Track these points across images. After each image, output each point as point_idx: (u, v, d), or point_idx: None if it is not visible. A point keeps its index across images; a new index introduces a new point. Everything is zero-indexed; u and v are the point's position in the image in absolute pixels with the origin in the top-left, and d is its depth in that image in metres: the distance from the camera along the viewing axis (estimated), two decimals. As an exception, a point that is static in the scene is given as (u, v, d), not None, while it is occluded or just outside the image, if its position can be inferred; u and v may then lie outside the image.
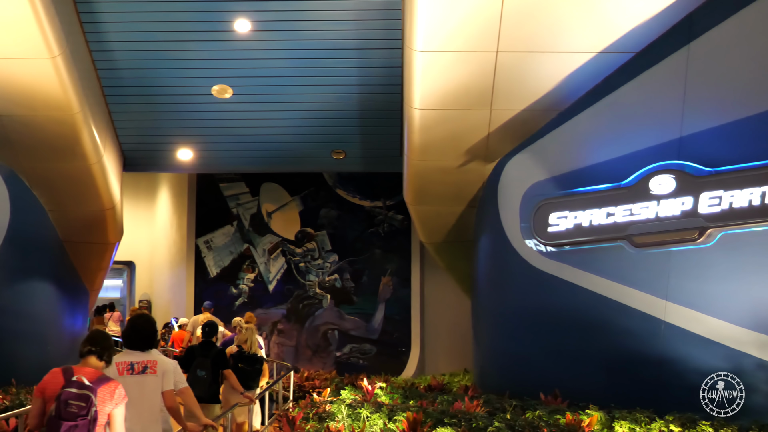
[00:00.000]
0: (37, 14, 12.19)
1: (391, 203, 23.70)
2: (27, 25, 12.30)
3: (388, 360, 22.96)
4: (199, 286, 24.16)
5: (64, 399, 6.31)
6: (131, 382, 7.61)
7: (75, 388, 6.38)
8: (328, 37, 15.18)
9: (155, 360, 7.90)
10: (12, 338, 15.62)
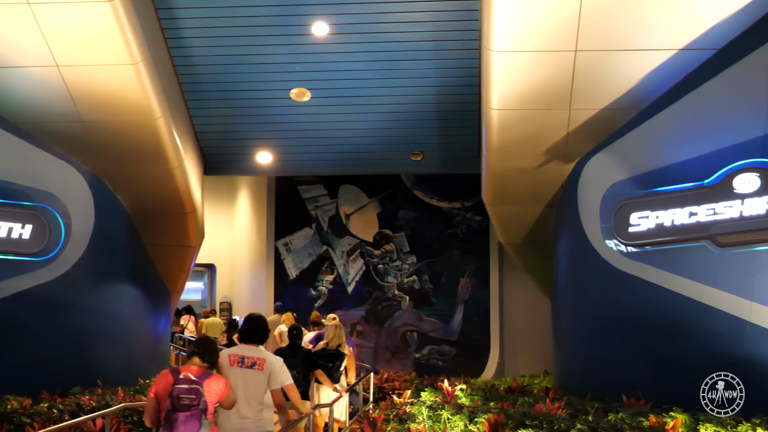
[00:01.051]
0: (120, 22, 12.39)
1: (469, 204, 23.63)
2: (110, 32, 12.51)
3: (468, 361, 22.89)
4: (279, 288, 24.34)
5: (176, 394, 7.18)
6: (238, 373, 8.43)
7: (184, 384, 7.25)
8: (405, 38, 15.19)
9: (264, 358, 8.61)
10: (97, 340, 15.92)
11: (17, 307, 14.14)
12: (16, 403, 12.33)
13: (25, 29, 12.44)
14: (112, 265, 16.45)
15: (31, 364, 14.22)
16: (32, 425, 11.11)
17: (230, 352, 8.63)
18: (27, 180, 14.40)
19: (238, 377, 8.42)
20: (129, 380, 15.71)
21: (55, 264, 14.69)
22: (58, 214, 14.58)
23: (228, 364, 8.47)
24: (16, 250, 14.07)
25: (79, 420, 10.70)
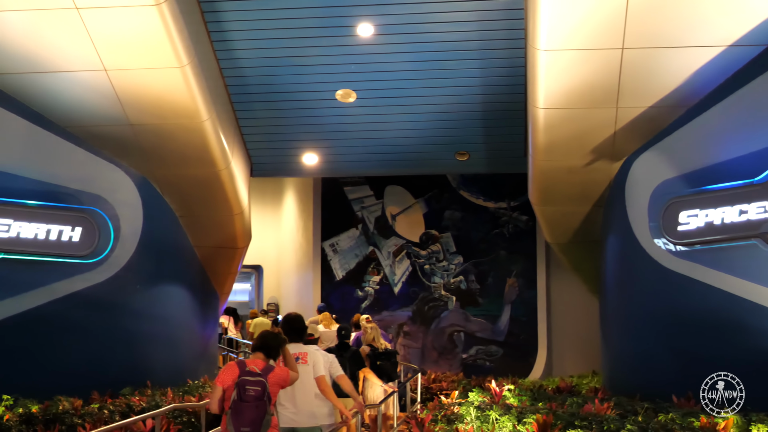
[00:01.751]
0: (167, 25, 12.48)
1: (516, 204, 23.55)
2: (157, 36, 12.61)
3: (515, 362, 22.80)
4: (326, 288, 24.40)
5: (242, 385, 7.80)
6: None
7: (250, 376, 7.86)
8: (450, 38, 15.16)
9: (306, 351, 9.12)
10: (146, 341, 16.05)
11: (68, 308, 14.30)
12: (68, 404, 12.45)
13: (74, 34, 12.58)
14: (161, 267, 16.57)
15: (82, 366, 14.37)
16: (83, 426, 11.22)
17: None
18: (76, 183, 14.55)
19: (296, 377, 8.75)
20: (178, 381, 15.83)
21: (104, 266, 14.83)
22: (107, 216, 14.72)
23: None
24: (66, 253, 14.23)
25: (129, 421, 10.80)
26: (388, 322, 22.44)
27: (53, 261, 14.15)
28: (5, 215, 13.48)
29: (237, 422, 7.78)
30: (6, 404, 12.55)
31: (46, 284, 14.09)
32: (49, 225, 14.01)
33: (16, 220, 13.60)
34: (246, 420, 7.75)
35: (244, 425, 7.75)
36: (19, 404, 12.61)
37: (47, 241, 13.99)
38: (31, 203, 13.81)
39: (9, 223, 13.52)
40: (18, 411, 12.03)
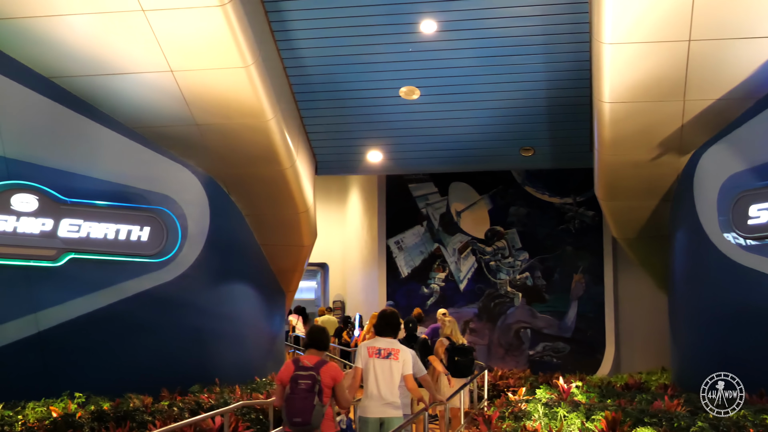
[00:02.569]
0: (231, 26, 12.57)
1: (582, 199, 23.37)
2: (222, 36, 12.71)
3: (583, 358, 22.63)
4: (392, 286, 24.42)
5: (295, 379, 8.45)
6: (376, 363, 9.52)
7: (302, 370, 8.49)
8: (514, 33, 15.05)
9: (398, 349, 9.64)
10: (214, 339, 16.21)
11: (138, 307, 14.50)
12: (138, 402, 12.62)
13: (140, 36, 12.73)
14: (228, 266, 16.72)
15: (151, 363, 14.56)
16: (153, 423, 11.37)
17: (368, 344, 9.71)
18: (144, 183, 14.74)
19: (377, 366, 9.51)
20: (246, 379, 15.96)
21: (172, 265, 15.01)
22: (174, 216, 14.89)
23: (367, 355, 9.57)
24: (135, 252, 14.42)
25: (198, 418, 10.91)
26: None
27: (122, 260, 14.35)
28: (75, 216, 13.69)
29: (289, 413, 8.42)
30: (78, 401, 12.76)
31: (116, 283, 14.30)
32: (118, 225, 14.21)
33: (86, 220, 13.81)
34: (296, 411, 8.35)
35: (295, 416, 8.36)
36: (90, 401, 12.81)
37: (116, 240, 14.20)
38: (101, 203, 14.02)
39: (79, 223, 13.74)
40: (90, 408, 12.22)
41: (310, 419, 8.33)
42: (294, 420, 8.37)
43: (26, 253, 13.22)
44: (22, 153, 13.26)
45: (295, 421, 8.37)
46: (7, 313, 13.09)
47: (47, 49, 13.07)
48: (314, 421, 8.36)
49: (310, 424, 8.35)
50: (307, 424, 8.35)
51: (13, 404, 12.36)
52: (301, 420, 8.34)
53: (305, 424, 8.36)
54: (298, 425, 8.39)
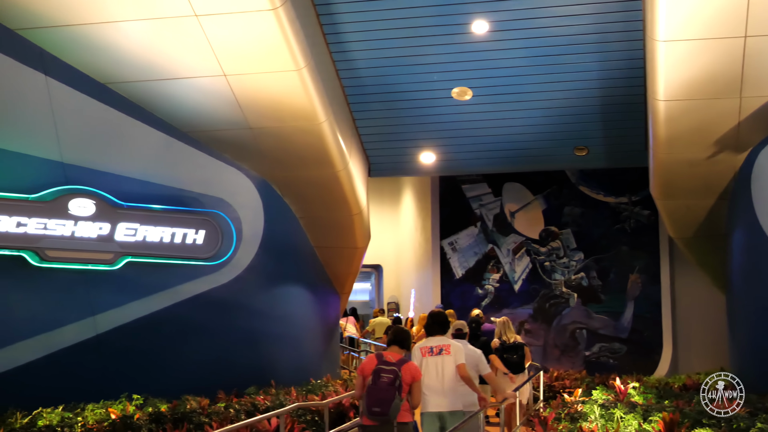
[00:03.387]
0: (283, 29, 12.62)
1: (637, 198, 23.13)
2: (274, 40, 12.76)
3: (639, 359, 22.40)
4: (446, 287, 24.37)
5: (378, 372, 9.05)
6: (431, 361, 10.13)
7: (385, 365, 9.09)
8: (566, 32, 14.95)
9: (448, 344, 10.21)
10: (270, 341, 16.30)
11: (193, 310, 14.65)
12: (195, 403, 12.73)
13: (194, 41, 12.83)
14: (282, 268, 16.80)
15: (207, 366, 14.69)
16: (210, 425, 11.47)
17: (420, 345, 10.32)
18: (199, 187, 14.88)
19: (432, 364, 10.12)
20: (301, 380, 16.02)
21: (227, 268, 15.13)
22: (229, 219, 15.00)
23: (420, 355, 10.20)
24: (190, 255, 14.55)
25: (254, 419, 10.98)
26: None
27: (178, 263, 14.49)
28: (131, 219, 13.84)
29: (369, 403, 9.00)
30: (136, 403, 12.90)
31: (172, 286, 14.44)
32: (174, 228, 14.34)
33: (142, 224, 13.96)
34: (377, 401, 8.93)
35: (375, 406, 8.94)
36: (148, 403, 12.95)
37: (172, 244, 14.33)
38: (156, 207, 14.16)
39: (135, 227, 13.89)
40: (148, 410, 12.35)
41: (389, 411, 8.88)
42: (373, 410, 8.96)
43: (84, 257, 13.39)
44: (79, 158, 13.45)
45: (374, 411, 8.96)
46: (66, 316, 13.29)
47: (102, 55, 13.23)
48: (392, 413, 8.90)
49: (388, 415, 8.90)
50: (385, 415, 8.91)
51: (72, 406, 12.54)
52: (380, 410, 8.92)
53: (383, 415, 8.91)
54: (377, 415, 8.96)
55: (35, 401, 12.38)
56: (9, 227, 12.64)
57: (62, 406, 12.44)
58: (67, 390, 12.92)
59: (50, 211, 13.01)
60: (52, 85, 13.10)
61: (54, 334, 13.14)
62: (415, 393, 9.27)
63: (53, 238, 13.06)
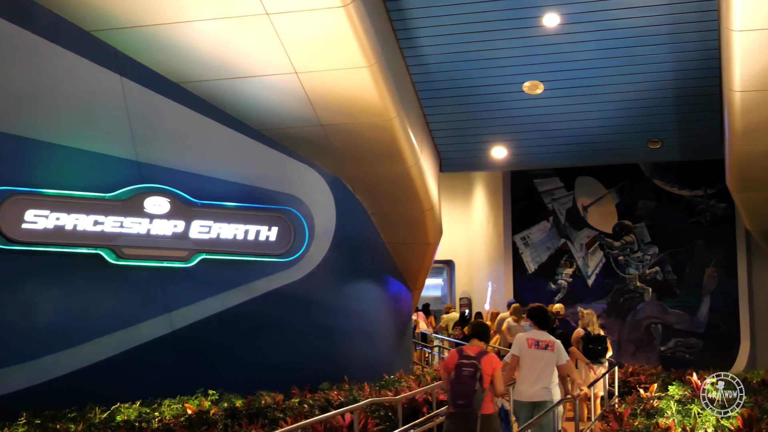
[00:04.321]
0: (354, 26, 12.62)
1: (713, 191, 22.82)
2: (344, 36, 12.77)
3: (716, 354, 22.08)
4: (518, 282, 24.28)
5: (459, 367, 9.57)
6: (534, 353, 10.58)
7: (465, 359, 9.60)
8: (639, 24, 14.72)
9: (553, 341, 10.68)
10: (343, 337, 16.33)
11: (267, 306, 14.72)
12: (269, 399, 12.78)
13: (265, 39, 12.89)
14: (355, 264, 16.81)
15: (281, 361, 14.76)
16: (285, 420, 11.49)
17: (527, 336, 10.78)
18: (272, 184, 14.94)
19: (534, 356, 10.57)
20: (374, 376, 16.01)
21: (300, 264, 15.18)
22: (301, 215, 15.06)
23: (526, 345, 10.64)
24: (263, 252, 14.62)
25: (328, 415, 10.97)
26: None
27: (251, 260, 14.57)
28: (206, 217, 13.96)
29: (454, 395, 9.59)
30: (212, 399, 13.01)
31: (245, 283, 14.53)
32: (247, 225, 14.42)
33: (216, 221, 14.06)
34: (460, 394, 9.48)
35: (459, 398, 9.49)
36: (223, 399, 13.04)
37: (245, 241, 14.42)
38: (230, 205, 14.26)
39: (209, 224, 14.00)
40: (223, 405, 12.43)
41: (472, 402, 9.39)
42: (457, 402, 9.52)
43: (159, 255, 13.54)
44: (154, 157, 13.59)
45: (458, 403, 9.51)
46: (143, 313, 13.44)
47: (176, 55, 13.36)
48: (475, 403, 9.41)
49: (471, 406, 9.41)
50: (469, 407, 9.41)
51: (149, 401, 12.68)
52: (463, 402, 9.45)
53: (467, 406, 9.43)
54: (461, 407, 9.49)
55: (113, 397, 12.53)
56: (86, 226, 12.83)
57: (139, 401, 12.58)
58: (144, 386, 13.07)
59: (126, 209, 13.18)
60: (127, 86, 13.25)
61: (131, 331, 13.31)
62: (497, 383, 9.65)
63: (129, 236, 13.22)
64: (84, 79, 12.84)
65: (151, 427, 10.91)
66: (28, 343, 12.45)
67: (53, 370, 12.58)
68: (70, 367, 12.72)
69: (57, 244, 12.64)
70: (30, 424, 11.40)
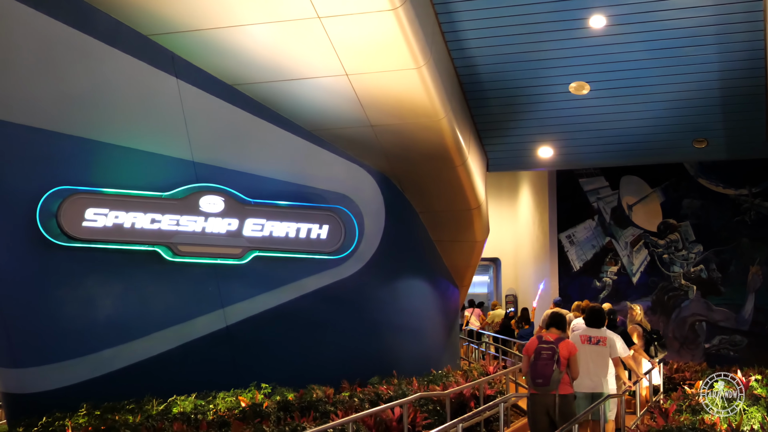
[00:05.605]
0: (403, 28, 12.60)
1: (757, 190, 22.54)
2: (394, 39, 12.74)
3: (762, 351, 21.75)
4: (563, 280, 24.15)
5: (539, 351, 10.47)
6: (588, 349, 11.38)
7: (544, 344, 10.49)
8: (684, 24, 14.57)
9: (605, 336, 11.56)
10: (392, 333, 16.34)
11: (318, 302, 14.78)
12: (321, 393, 12.85)
13: (317, 42, 12.92)
14: (403, 262, 16.82)
15: (332, 356, 14.82)
16: (335, 413, 11.56)
17: (581, 333, 11.64)
18: (323, 183, 15.00)
19: (588, 352, 11.37)
20: (422, 371, 16.02)
21: (350, 261, 15.21)
22: (351, 214, 15.08)
23: (580, 342, 11.43)
24: (314, 250, 14.68)
25: (378, 409, 11.04)
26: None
27: (303, 258, 14.64)
28: (259, 215, 14.05)
29: (533, 375, 10.45)
30: (265, 392, 13.10)
31: (297, 280, 14.61)
32: (299, 224, 14.49)
33: (268, 219, 14.14)
34: (538, 374, 10.36)
35: (538, 378, 10.38)
36: (276, 392, 13.13)
37: (297, 238, 14.48)
38: (282, 203, 14.34)
39: (262, 222, 14.09)
40: (275, 399, 12.52)
41: (549, 381, 10.28)
42: (537, 381, 10.41)
43: (214, 252, 13.66)
44: (209, 157, 13.71)
45: (537, 382, 10.41)
46: (198, 308, 13.59)
47: (230, 58, 13.43)
48: (552, 383, 10.29)
49: (549, 385, 10.30)
50: (547, 385, 10.31)
51: (204, 394, 12.80)
52: (542, 381, 10.34)
53: (545, 385, 10.32)
54: (540, 385, 10.39)
55: (170, 389, 12.69)
56: (144, 224, 12.99)
57: (195, 394, 12.71)
58: (199, 379, 13.20)
59: (182, 207, 13.31)
60: (183, 88, 13.36)
61: (186, 326, 13.46)
62: (573, 366, 10.53)
63: (185, 234, 13.35)
64: (142, 81, 12.98)
65: (206, 419, 11.02)
66: (88, 337, 12.65)
67: (112, 363, 12.77)
68: (129, 361, 12.92)
69: (116, 242, 12.83)
70: (90, 414, 11.59)
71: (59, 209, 12.24)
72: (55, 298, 12.48)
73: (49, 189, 12.24)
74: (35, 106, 12.09)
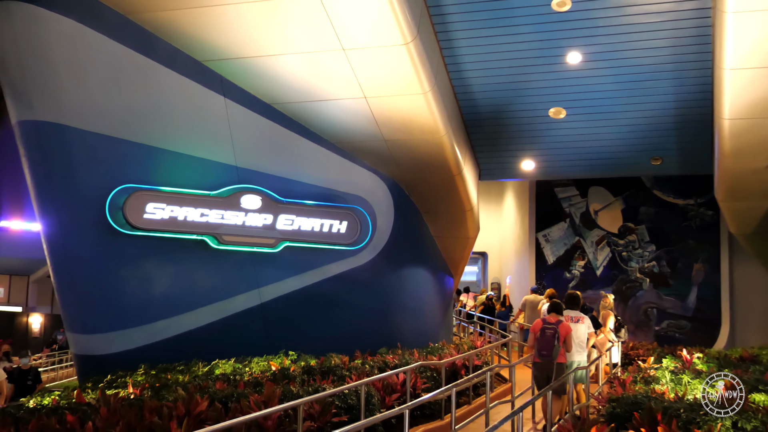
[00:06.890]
0: (413, 60, 12.49)
1: (702, 201, 22.51)
2: (405, 69, 12.63)
3: (702, 334, 21.82)
4: (539, 271, 24.19)
5: (543, 329, 11.10)
6: (573, 327, 11.49)
7: (548, 325, 11.06)
8: (646, 62, 14.42)
9: (583, 316, 11.95)
10: (397, 312, 16.23)
11: (337, 285, 14.69)
12: (338, 360, 12.73)
13: (341, 70, 12.81)
14: (408, 253, 16.69)
15: (348, 330, 14.70)
16: (350, 377, 11.42)
17: (566, 314, 11.72)
18: (343, 187, 14.90)
19: (573, 329, 11.49)
20: (422, 344, 15.89)
21: (364, 252, 15.11)
22: (366, 213, 14.97)
23: (567, 320, 11.65)
24: (335, 241, 14.57)
25: (386, 374, 10.93)
26: (592, 299, 21.76)
27: (325, 248, 14.53)
28: (290, 212, 13.95)
29: (539, 348, 11.04)
30: (291, 358, 13.01)
31: (320, 266, 14.51)
32: (323, 220, 14.38)
33: (297, 216, 14.04)
34: (544, 347, 10.97)
35: (543, 350, 10.99)
36: (301, 359, 13.03)
37: (321, 232, 14.37)
38: (309, 203, 14.22)
39: (292, 218, 13.98)
40: (300, 364, 12.41)
41: (552, 353, 10.89)
42: (542, 353, 11.01)
43: (252, 242, 13.56)
44: (250, 163, 13.61)
45: (542, 354, 11.00)
46: (237, 288, 13.51)
47: (269, 81, 13.34)
48: (554, 354, 10.89)
49: (551, 356, 10.90)
50: (549, 356, 10.91)
51: (241, 359, 12.71)
52: (546, 353, 10.94)
53: (548, 356, 10.92)
54: (544, 357, 10.99)
55: (213, 354, 12.60)
56: (195, 217, 12.90)
57: (234, 359, 12.61)
58: (237, 346, 13.11)
59: (226, 204, 13.22)
60: (230, 105, 13.28)
61: (227, 302, 13.38)
62: (568, 341, 11.06)
63: (228, 226, 13.26)
64: (195, 98, 12.93)
65: (243, 380, 10.89)
66: (145, 310, 12.58)
67: (165, 332, 12.70)
68: (179, 330, 12.85)
69: (171, 231, 12.76)
70: (147, 374, 11.50)
71: (125, 203, 12.18)
72: (118, 277, 12.42)
73: (117, 186, 12.19)
74: (106, 117, 12.07)
